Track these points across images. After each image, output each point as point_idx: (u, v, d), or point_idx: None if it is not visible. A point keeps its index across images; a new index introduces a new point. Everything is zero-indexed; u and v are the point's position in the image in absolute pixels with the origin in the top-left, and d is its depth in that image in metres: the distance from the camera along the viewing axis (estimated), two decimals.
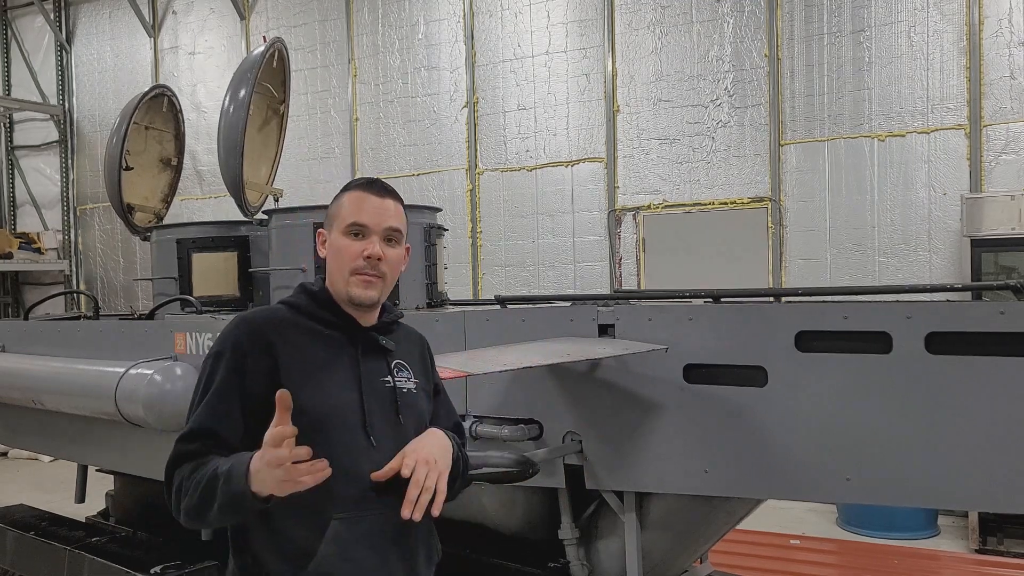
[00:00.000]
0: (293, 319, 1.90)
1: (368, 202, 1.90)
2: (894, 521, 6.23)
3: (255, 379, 1.79)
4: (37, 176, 12.06)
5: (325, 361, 1.86)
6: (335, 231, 1.91)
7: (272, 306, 2.01)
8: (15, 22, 12.19)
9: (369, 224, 1.88)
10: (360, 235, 1.88)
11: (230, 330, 1.87)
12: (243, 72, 4.77)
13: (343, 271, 1.88)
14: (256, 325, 1.87)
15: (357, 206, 1.90)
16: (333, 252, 1.92)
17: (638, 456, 2.78)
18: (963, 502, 2.52)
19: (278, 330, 1.86)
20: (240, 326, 1.87)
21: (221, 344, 1.86)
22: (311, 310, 1.92)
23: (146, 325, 4.25)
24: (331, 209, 1.96)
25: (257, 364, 1.80)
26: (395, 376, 1.95)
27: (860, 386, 2.41)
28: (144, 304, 7.16)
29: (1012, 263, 6.24)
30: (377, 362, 1.93)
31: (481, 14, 8.72)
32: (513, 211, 8.58)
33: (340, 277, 1.89)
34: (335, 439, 1.78)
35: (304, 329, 1.89)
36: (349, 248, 1.87)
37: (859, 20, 7.13)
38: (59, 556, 4.55)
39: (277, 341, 1.84)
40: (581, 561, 3.15)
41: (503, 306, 3.29)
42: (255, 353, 1.81)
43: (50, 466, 9.50)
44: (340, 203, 1.93)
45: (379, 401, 1.89)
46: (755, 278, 7.42)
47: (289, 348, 1.84)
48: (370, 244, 1.87)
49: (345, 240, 1.88)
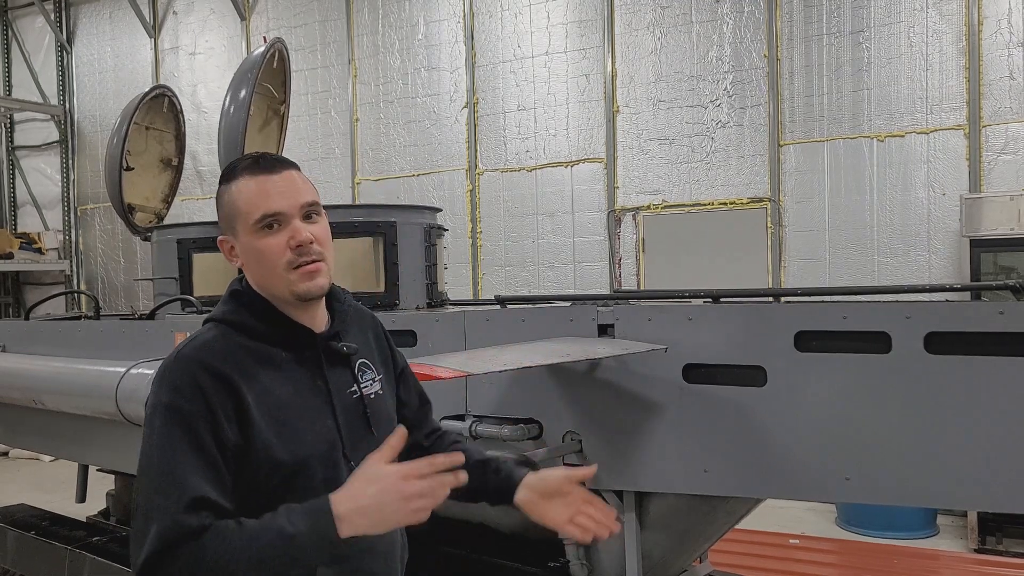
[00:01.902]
0: (241, 344, 1.59)
1: (267, 184, 1.59)
2: (894, 521, 6.23)
3: (223, 425, 1.49)
4: (38, 176, 12.06)
5: (290, 396, 1.59)
6: (242, 232, 1.60)
7: (210, 336, 1.60)
8: (16, 23, 12.19)
9: (282, 210, 1.58)
10: (276, 225, 1.58)
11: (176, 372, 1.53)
12: (243, 72, 4.78)
13: (275, 272, 1.59)
14: (210, 363, 1.53)
15: (255, 194, 1.59)
16: (252, 257, 1.61)
17: (638, 456, 2.79)
18: (963, 502, 2.52)
19: (234, 366, 1.55)
20: (190, 365, 1.52)
21: (173, 391, 1.50)
22: (256, 328, 1.62)
23: (147, 325, 4.25)
24: (223, 208, 1.64)
25: (223, 406, 1.50)
26: (360, 382, 1.72)
27: (859, 386, 2.42)
28: (145, 304, 7.16)
29: (1011, 263, 6.24)
30: (341, 372, 1.70)
31: (481, 15, 8.72)
32: (513, 211, 8.59)
33: (275, 280, 1.60)
34: (317, 478, 1.58)
35: (257, 357, 1.59)
36: (270, 246, 1.58)
37: (858, 20, 7.13)
38: (60, 556, 4.55)
39: (240, 381, 1.53)
40: (581, 561, 3.16)
41: (503, 306, 3.30)
42: (220, 394, 1.51)
43: (50, 466, 9.50)
44: (232, 198, 1.62)
45: (350, 418, 1.68)
46: (754, 278, 7.42)
47: (252, 389, 1.54)
48: (293, 231, 1.58)
49: (260, 238, 1.58)
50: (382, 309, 3.76)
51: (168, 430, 1.48)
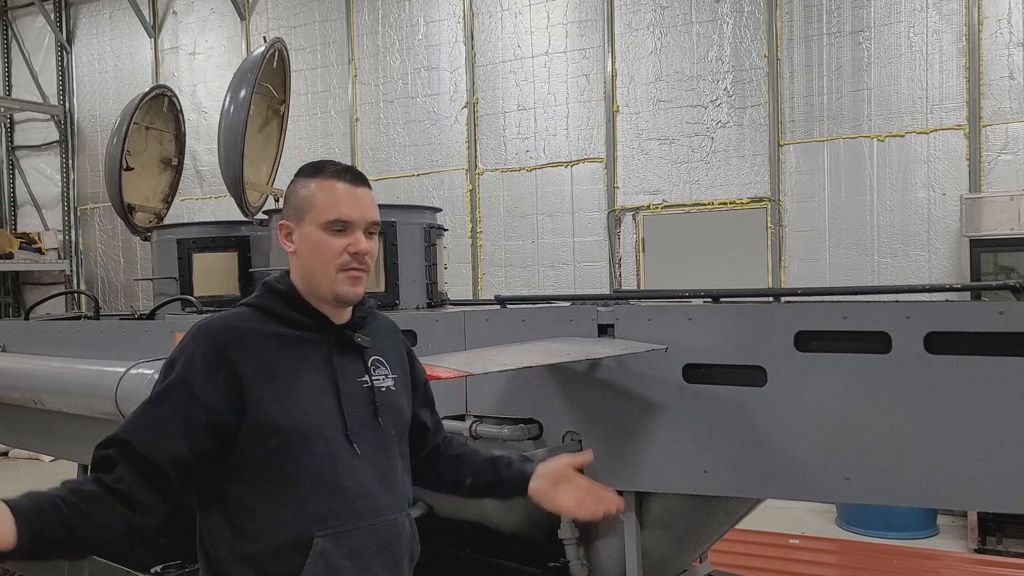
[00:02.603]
0: (258, 326, 1.76)
1: (348, 194, 1.78)
2: (893, 521, 6.24)
3: (212, 397, 1.65)
4: (38, 176, 12.07)
5: (296, 369, 1.74)
6: (309, 224, 1.77)
7: (235, 310, 1.83)
8: (16, 22, 12.19)
9: (353, 219, 1.76)
10: (342, 229, 1.76)
11: (187, 341, 1.73)
12: (243, 72, 4.78)
13: (327, 268, 1.76)
14: (215, 336, 1.72)
15: (335, 198, 1.77)
16: (310, 247, 1.78)
17: (638, 456, 2.79)
18: (962, 502, 2.52)
19: (240, 340, 1.72)
20: (197, 337, 1.73)
21: (174, 357, 1.72)
22: (280, 312, 1.79)
23: (147, 325, 4.25)
24: (299, 198, 1.81)
25: (214, 380, 1.67)
26: (372, 374, 1.84)
27: (859, 386, 2.42)
28: (145, 304, 7.16)
29: (1011, 263, 6.24)
30: (353, 361, 1.83)
31: (481, 15, 8.72)
32: (513, 211, 8.59)
33: (323, 274, 1.77)
34: (319, 451, 1.70)
35: (269, 336, 1.75)
36: (331, 244, 1.75)
37: (858, 20, 7.13)
38: None
39: (239, 354, 1.70)
40: (581, 561, 3.16)
41: (503, 306, 3.29)
42: (214, 368, 1.67)
43: (50, 466, 9.50)
44: (311, 193, 1.79)
45: (357, 404, 1.79)
46: (754, 278, 7.42)
47: (253, 361, 1.70)
48: (355, 240, 1.77)
49: (325, 236, 1.76)
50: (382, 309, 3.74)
51: (161, 382, 1.71)
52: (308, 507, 1.68)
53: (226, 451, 1.68)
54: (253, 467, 1.69)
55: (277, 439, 1.67)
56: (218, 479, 1.71)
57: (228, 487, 1.71)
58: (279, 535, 1.67)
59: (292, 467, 1.68)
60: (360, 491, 1.74)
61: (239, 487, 1.70)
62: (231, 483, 1.70)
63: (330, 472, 1.71)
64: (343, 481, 1.72)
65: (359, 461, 1.75)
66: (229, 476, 1.70)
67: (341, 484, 1.72)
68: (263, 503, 1.69)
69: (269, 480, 1.68)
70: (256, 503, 1.69)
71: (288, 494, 1.68)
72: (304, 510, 1.68)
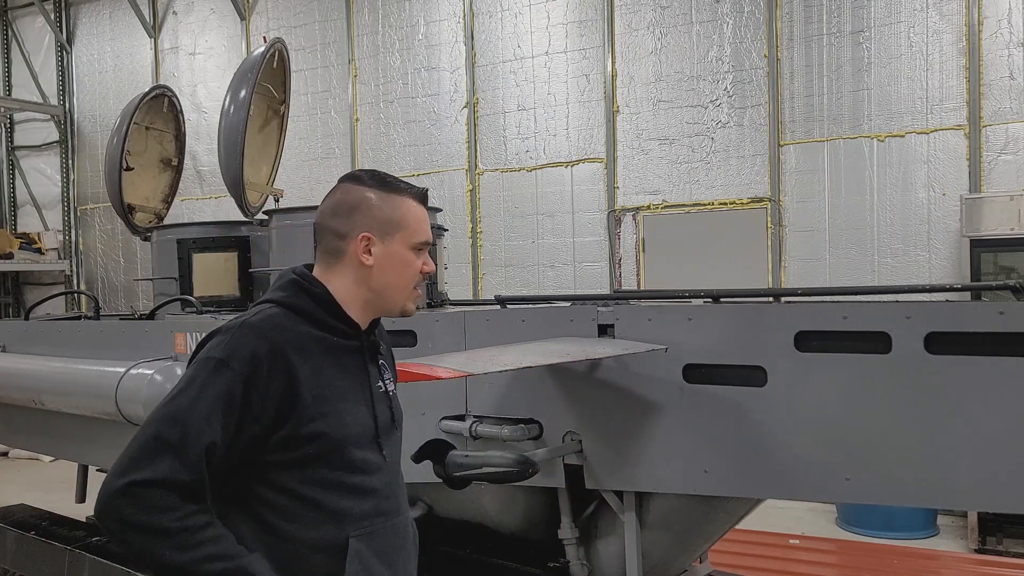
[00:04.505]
0: (305, 328, 1.75)
1: (427, 218, 1.89)
2: (894, 521, 6.23)
3: (263, 402, 1.63)
4: (37, 176, 12.06)
5: (338, 376, 1.77)
6: (398, 243, 1.82)
7: (274, 312, 1.75)
8: (15, 23, 12.19)
9: (431, 243, 1.89)
10: (423, 251, 1.87)
11: (244, 339, 1.66)
12: (243, 72, 4.78)
13: (408, 286, 1.85)
14: (276, 340, 1.67)
15: (422, 220, 1.86)
16: (397, 265, 1.83)
17: (638, 456, 2.79)
18: (963, 502, 2.52)
19: (297, 346, 1.70)
20: (258, 338, 1.66)
21: (230, 352, 1.63)
22: (317, 316, 1.78)
23: (147, 325, 4.25)
24: (388, 215, 1.81)
25: (271, 385, 1.63)
26: (384, 379, 1.92)
27: (859, 386, 2.42)
28: (145, 304, 7.15)
29: (1011, 263, 6.24)
30: (374, 368, 1.90)
31: (481, 15, 8.72)
32: (513, 211, 8.59)
33: (402, 291, 1.85)
34: (354, 458, 1.75)
35: (316, 340, 1.75)
36: (415, 265, 1.85)
37: (858, 21, 7.13)
38: (59, 556, 4.55)
39: (296, 361, 1.67)
40: (581, 561, 3.16)
41: (503, 306, 3.29)
42: (273, 373, 1.64)
43: (50, 466, 9.50)
44: (403, 214, 1.83)
45: (383, 409, 1.87)
46: (755, 278, 7.42)
47: (308, 370, 1.69)
48: (427, 262, 1.88)
49: (413, 256, 1.84)
50: None
51: (210, 380, 1.61)
52: (343, 510, 1.73)
53: (260, 453, 1.66)
54: (289, 470, 1.69)
55: (316, 445, 1.69)
56: (248, 479, 1.69)
57: (258, 488, 1.69)
58: (315, 536, 1.70)
59: (326, 473, 1.71)
60: (388, 492, 1.83)
61: (271, 488, 1.69)
62: (261, 484, 1.69)
63: (363, 477, 1.77)
64: (374, 484, 1.79)
65: (386, 464, 1.84)
66: (260, 478, 1.69)
67: (373, 487, 1.79)
68: (298, 505, 1.70)
69: (304, 483, 1.70)
70: (291, 504, 1.69)
71: (324, 498, 1.71)
72: (339, 513, 1.72)
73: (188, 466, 1.55)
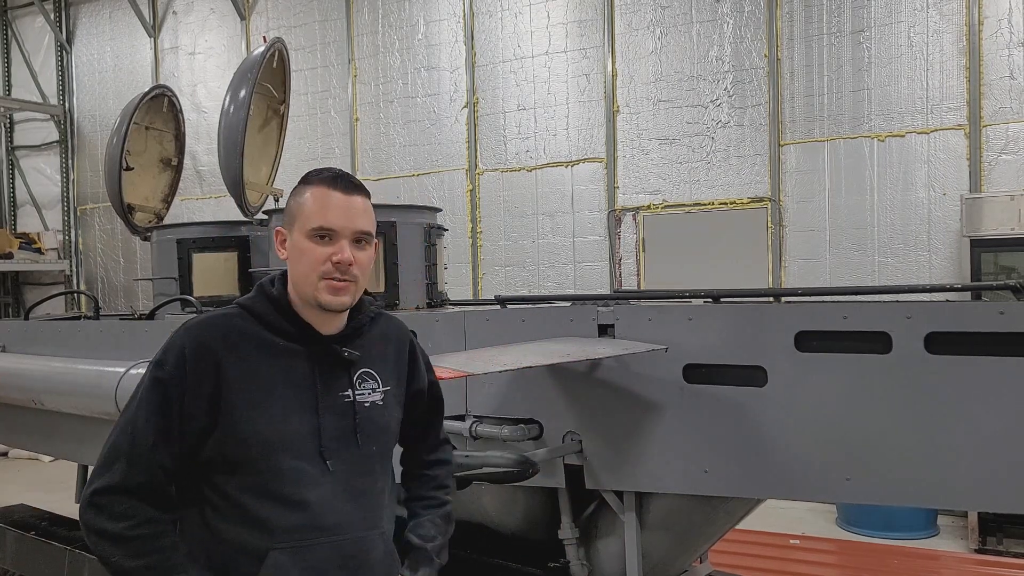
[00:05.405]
0: (247, 328, 1.75)
1: (334, 201, 1.74)
2: (894, 521, 6.23)
3: (194, 401, 1.67)
4: (37, 176, 12.06)
5: (276, 381, 1.72)
6: (297, 232, 1.75)
7: (227, 310, 1.80)
8: (15, 22, 12.19)
9: (337, 228, 1.73)
10: (327, 239, 1.73)
11: (176, 339, 1.72)
12: (243, 72, 4.77)
13: (309, 277, 1.73)
14: (203, 338, 1.71)
15: (322, 205, 1.73)
16: (296, 255, 1.76)
17: (638, 456, 2.79)
18: (963, 502, 2.52)
19: (228, 344, 1.71)
20: (186, 337, 1.72)
21: (164, 354, 1.71)
22: (269, 318, 1.76)
23: (146, 325, 4.25)
24: (291, 205, 1.79)
25: (199, 384, 1.67)
26: (356, 389, 1.80)
27: (860, 386, 2.42)
28: (144, 304, 7.16)
29: (1012, 263, 6.24)
30: (338, 375, 1.79)
31: (481, 15, 8.72)
32: (513, 211, 8.58)
33: (306, 282, 1.74)
34: (284, 466, 1.69)
35: (257, 342, 1.74)
36: (314, 252, 1.72)
37: (859, 20, 7.13)
38: (59, 556, 4.55)
39: (225, 359, 1.69)
40: (581, 561, 3.16)
41: (503, 306, 3.29)
42: (199, 371, 1.67)
43: (50, 466, 9.50)
44: (302, 200, 1.77)
45: (337, 420, 1.77)
46: (755, 278, 7.42)
47: (237, 368, 1.69)
48: (339, 249, 1.72)
49: (309, 244, 1.73)
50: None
51: (148, 383, 1.70)
52: (267, 520, 1.69)
53: (201, 452, 1.71)
54: (223, 472, 1.71)
55: (242, 451, 1.68)
56: (197, 478, 1.74)
57: (203, 487, 1.74)
58: (238, 541, 1.70)
59: (254, 479, 1.69)
60: (327, 507, 1.73)
61: (211, 488, 1.72)
62: (205, 484, 1.73)
63: (293, 488, 1.70)
64: (306, 496, 1.71)
65: (329, 478, 1.74)
66: (203, 477, 1.73)
67: (304, 500, 1.71)
68: (229, 507, 1.71)
69: (235, 486, 1.70)
70: (223, 506, 1.71)
71: (249, 504, 1.69)
72: (263, 522, 1.69)
73: (140, 468, 1.65)
